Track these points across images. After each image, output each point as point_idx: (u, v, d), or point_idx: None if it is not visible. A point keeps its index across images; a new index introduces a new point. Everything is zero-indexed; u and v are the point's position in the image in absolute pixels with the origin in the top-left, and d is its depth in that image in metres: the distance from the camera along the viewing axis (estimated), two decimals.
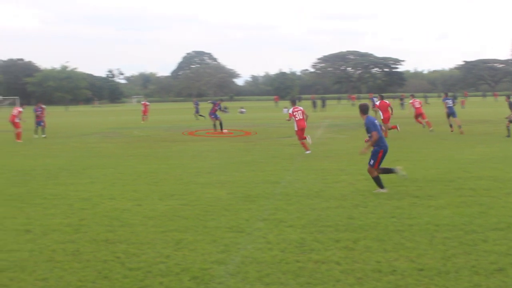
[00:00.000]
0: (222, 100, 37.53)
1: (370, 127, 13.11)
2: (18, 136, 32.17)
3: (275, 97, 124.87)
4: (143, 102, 57.31)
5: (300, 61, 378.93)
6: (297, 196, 12.82)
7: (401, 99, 75.58)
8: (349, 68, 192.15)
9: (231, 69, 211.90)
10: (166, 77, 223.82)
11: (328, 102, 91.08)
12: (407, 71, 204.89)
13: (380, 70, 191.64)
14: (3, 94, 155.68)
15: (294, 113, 22.33)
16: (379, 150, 13.09)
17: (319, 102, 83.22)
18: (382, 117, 29.66)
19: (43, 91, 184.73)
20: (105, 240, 9.44)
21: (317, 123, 41.38)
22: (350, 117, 50.89)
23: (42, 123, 35.88)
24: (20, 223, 10.83)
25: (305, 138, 22.28)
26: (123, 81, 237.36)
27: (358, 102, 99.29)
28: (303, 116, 22.44)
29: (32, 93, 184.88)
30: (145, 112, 54.61)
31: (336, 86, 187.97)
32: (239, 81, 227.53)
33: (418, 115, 33.36)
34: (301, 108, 22.82)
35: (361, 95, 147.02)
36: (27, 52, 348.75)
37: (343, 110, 75.31)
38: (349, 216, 10.65)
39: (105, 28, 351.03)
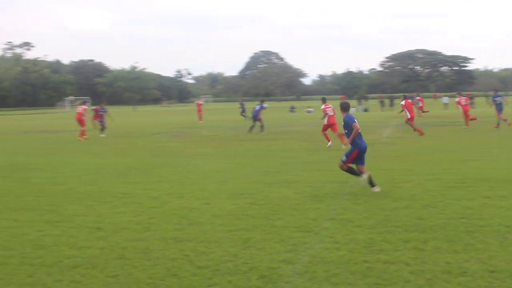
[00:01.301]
0: (263, 101, 37.44)
1: (348, 121, 13.39)
2: (82, 133, 33.12)
3: (341, 96, 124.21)
4: (197, 102, 57.94)
5: (367, 60, 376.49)
6: (365, 196, 12.69)
7: (471, 98, 73.92)
8: (418, 67, 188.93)
9: (298, 69, 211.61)
10: (234, 77, 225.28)
11: (396, 101, 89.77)
12: (477, 70, 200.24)
13: (449, 68, 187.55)
14: (74, 94, 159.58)
15: (326, 109, 25.47)
16: (354, 149, 13.36)
17: (387, 101, 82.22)
18: (409, 116, 30.58)
19: (113, 91, 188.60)
20: (174, 238, 9.55)
21: (385, 123, 40.86)
22: (419, 116, 50.03)
23: (105, 123, 36.93)
24: (91, 220, 11.07)
25: (325, 131, 25.60)
26: (191, 81, 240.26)
27: (439, 99, 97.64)
28: (333, 113, 25.35)
29: (102, 93, 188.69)
30: (199, 112, 55.32)
31: (404, 85, 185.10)
32: (306, 81, 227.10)
33: (466, 110, 34.37)
34: (332, 106, 25.69)
35: (425, 93, 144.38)
36: (98, 53, 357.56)
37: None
38: (419, 217, 10.47)
39: (174, 29, 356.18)
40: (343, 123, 13.64)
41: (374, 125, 25.45)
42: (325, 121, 25.38)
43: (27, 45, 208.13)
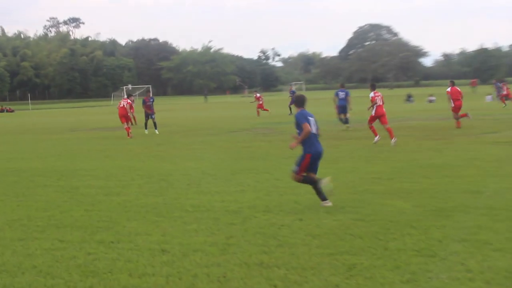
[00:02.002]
0: (344, 85, 37.63)
1: (299, 119, 13.72)
2: (127, 132, 34.24)
3: (472, 80, 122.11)
4: (255, 94, 58.98)
5: (509, 32, 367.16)
6: (507, 211, 12.42)
7: None
8: None
9: (417, 46, 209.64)
10: (333, 57, 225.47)
11: None
12: None
13: None
14: (133, 82, 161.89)
15: (376, 98, 27.24)
16: (305, 154, 13.71)
17: None
18: (453, 105, 33.89)
19: (181, 78, 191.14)
20: (259, 263, 9.59)
21: None
22: None
23: (153, 116, 37.47)
24: (155, 241, 11.24)
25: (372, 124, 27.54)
26: (279, 64, 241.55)
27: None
28: (382, 102, 27.34)
29: (167, 80, 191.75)
30: (260, 106, 56.63)
31: None
32: (427, 61, 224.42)
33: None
34: (381, 94, 27.63)
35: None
36: (162, 30, 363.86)
37: None
38: None
39: None
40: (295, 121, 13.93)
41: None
42: (373, 112, 27.34)
43: (75, 21, 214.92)
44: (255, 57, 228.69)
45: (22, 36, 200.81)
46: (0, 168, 22.92)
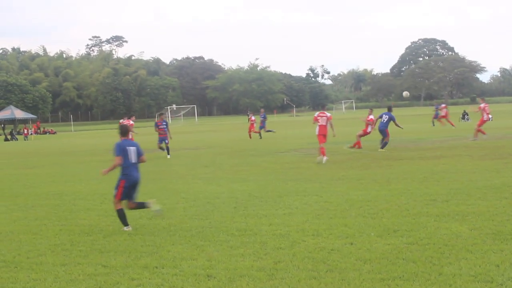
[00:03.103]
0: (391, 108, 37.37)
1: (115, 150, 14.74)
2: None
3: None
4: (250, 117, 60.31)
5: None
6: None
7: None
8: None
9: (473, 62, 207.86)
10: (384, 74, 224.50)
11: None
12: None
13: None
14: (177, 103, 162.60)
15: (318, 118, 30.16)
16: (120, 180, 14.75)
17: None
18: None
19: (227, 97, 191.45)
20: None
21: None
22: None
23: (167, 140, 37.71)
24: (200, 265, 11.28)
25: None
26: (328, 82, 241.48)
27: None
28: (325, 123, 30.00)
29: (213, 100, 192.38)
30: (252, 128, 57.37)
31: None
32: (484, 77, 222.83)
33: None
34: (328, 114, 30.43)
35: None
36: (208, 48, 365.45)
37: None
38: None
39: (304, 12, 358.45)
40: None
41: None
42: (316, 131, 30.27)
43: (118, 40, 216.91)
44: (304, 75, 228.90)
45: (64, 55, 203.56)
46: (42, 191, 23.19)
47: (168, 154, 37.45)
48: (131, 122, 37.60)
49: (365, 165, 27.16)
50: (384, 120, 35.67)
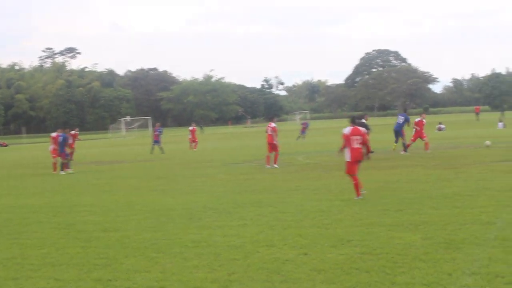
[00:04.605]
0: (406, 110, 38.29)
1: None
2: (53, 167, 35.28)
3: (476, 108, 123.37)
4: (190, 127, 61.12)
5: None
6: None
7: None
8: None
9: (426, 72, 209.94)
10: (339, 85, 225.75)
11: None
12: None
13: None
14: (132, 114, 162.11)
15: (267, 128, 33.65)
16: None
17: None
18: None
19: (181, 109, 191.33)
20: None
21: None
22: None
23: (160, 143, 44.66)
24: (153, 278, 11.25)
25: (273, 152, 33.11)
26: (283, 93, 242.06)
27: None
28: (270, 133, 32.99)
29: (167, 111, 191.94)
30: (193, 138, 58.75)
31: None
32: (436, 88, 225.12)
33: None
34: (273, 125, 33.37)
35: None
36: (162, 60, 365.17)
37: None
38: None
39: (259, 25, 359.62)
40: None
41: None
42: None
43: (71, 51, 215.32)
44: (258, 86, 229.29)
45: (16, 67, 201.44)
46: None
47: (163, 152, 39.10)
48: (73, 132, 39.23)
49: (319, 176, 27.29)
50: (400, 122, 38.19)
